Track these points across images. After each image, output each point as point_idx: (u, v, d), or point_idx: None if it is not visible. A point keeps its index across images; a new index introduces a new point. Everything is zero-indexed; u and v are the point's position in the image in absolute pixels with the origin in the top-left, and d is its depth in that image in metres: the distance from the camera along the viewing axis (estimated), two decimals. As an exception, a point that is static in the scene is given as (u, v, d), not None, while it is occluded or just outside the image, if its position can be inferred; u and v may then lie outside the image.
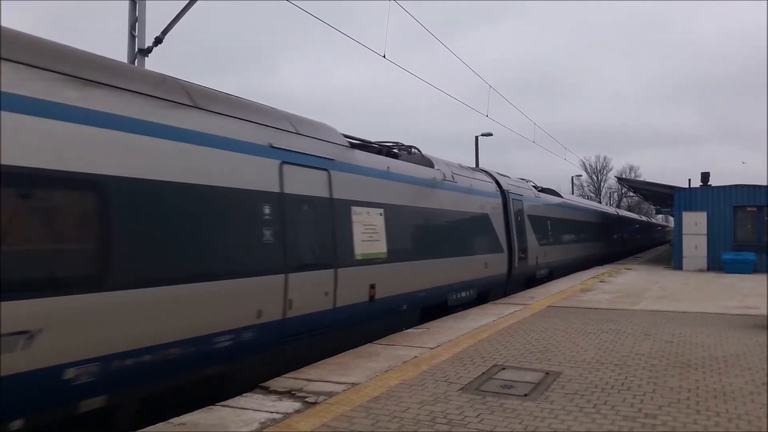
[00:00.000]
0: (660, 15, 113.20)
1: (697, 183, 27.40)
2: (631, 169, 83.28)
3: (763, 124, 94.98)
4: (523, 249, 16.10)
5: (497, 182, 15.49)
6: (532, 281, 17.25)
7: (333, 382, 6.14)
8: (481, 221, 13.61)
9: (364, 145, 10.35)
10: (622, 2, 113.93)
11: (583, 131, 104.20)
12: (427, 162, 11.91)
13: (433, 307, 10.99)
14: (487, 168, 16.26)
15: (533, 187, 19.78)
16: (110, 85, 5.37)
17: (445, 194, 11.96)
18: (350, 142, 9.37)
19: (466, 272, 12.42)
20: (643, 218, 57.82)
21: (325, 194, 7.98)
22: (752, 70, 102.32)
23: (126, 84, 5.56)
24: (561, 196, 22.95)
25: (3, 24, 4.75)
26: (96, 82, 5.24)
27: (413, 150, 11.74)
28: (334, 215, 8.08)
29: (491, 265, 13.81)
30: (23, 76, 4.61)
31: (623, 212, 46.89)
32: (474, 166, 15.31)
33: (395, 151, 11.44)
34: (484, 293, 13.50)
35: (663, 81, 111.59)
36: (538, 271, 17.88)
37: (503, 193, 15.45)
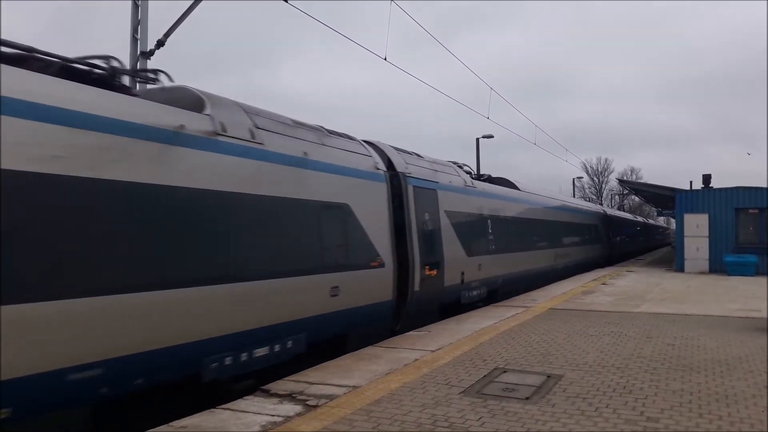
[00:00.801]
0: (661, 15, 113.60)
1: (698, 185, 27.35)
2: (632, 170, 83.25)
3: (763, 125, 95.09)
4: (433, 262, 11.06)
5: (389, 160, 10.53)
6: (454, 308, 11.89)
7: (334, 385, 6.13)
8: (328, 217, 8.32)
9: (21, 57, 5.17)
10: (622, 2, 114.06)
11: (584, 133, 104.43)
12: (191, 101, 6.68)
13: (149, 393, 5.57)
14: (375, 140, 10.92)
15: (473, 175, 15.19)
16: None
17: (222, 162, 6.55)
18: None
19: (271, 309, 6.99)
20: (640, 219, 55.63)
21: None
22: (753, 69, 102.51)
23: None
24: (517, 188, 18.27)
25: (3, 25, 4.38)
26: None
27: (157, 78, 6.69)
28: None
29: (352, 289, 8.52)
30: None
31: (613, 211, 42.67)
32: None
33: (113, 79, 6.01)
34: (334, 339, 8.41)
35: (664, 81, 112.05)
36: (467, 292, 12.56)
37: (396, 177, 10.39)
